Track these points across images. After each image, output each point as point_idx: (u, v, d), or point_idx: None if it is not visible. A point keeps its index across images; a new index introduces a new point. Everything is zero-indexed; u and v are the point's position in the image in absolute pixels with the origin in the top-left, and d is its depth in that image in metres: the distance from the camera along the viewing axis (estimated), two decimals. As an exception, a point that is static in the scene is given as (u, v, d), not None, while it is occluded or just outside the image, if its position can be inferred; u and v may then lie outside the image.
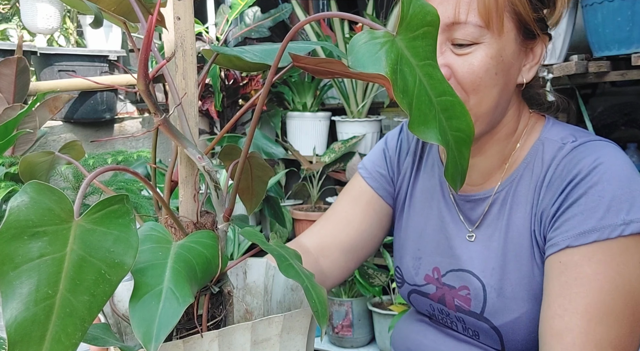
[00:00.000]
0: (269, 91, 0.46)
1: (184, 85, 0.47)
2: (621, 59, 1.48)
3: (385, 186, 0.98)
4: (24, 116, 1.46)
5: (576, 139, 0.79)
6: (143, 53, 0.42)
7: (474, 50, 0.74)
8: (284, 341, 0.54)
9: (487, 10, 0.73)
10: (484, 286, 0.82)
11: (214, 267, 0.50)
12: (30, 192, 0.39)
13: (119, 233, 0.40)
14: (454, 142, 0.43)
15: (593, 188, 0.73)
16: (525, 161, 0.82)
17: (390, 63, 0.41)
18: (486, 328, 0.82)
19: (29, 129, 1.51)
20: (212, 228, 0.52)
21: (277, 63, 0.47)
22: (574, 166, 0.76)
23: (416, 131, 0.42)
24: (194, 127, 0.47)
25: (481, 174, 0.86)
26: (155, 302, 0.43)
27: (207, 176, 0.47)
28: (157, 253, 0.47)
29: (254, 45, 0.53)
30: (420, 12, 0.43)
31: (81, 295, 0.37)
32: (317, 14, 0.44)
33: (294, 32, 0.46)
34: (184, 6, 0.46)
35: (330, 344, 2.22)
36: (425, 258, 0.91)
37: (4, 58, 1.70)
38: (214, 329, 0.53)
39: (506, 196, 0.82)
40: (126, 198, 0.42)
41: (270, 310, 0.68)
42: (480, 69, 0.74)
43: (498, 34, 0.74)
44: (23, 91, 1.74)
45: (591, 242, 0.71)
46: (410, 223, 0.94)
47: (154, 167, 0.51)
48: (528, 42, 0.79)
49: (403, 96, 0.41)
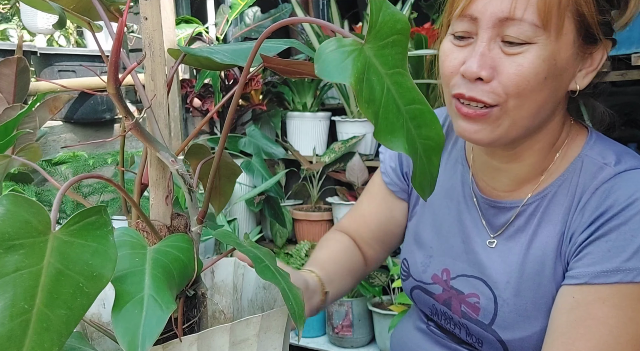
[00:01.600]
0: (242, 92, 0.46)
1: (152, 87, 0.47)
2: (621, 59, 1.47)
3: (396, 181, 0.97)
4: (24, 116, 1.47)
5: (619, 162, 0.73)
6: (113, 56, 0.42)
7: (525, 50, 0.68)
8: (262, 341, 0.54)
9: (547, 8, 0.66)
10: (496, 298, 0.78)
11: (191, 270, 0.50)
12: (7, 204, 0.38)
13: (97, 245, 0.40)
14: (423, 151, 0.42)
15: (626, 225, 0.68)
16: (562, 178, 0.76)
17: (356, 72, 0.41)
18: (492, 339, 0.79)
19: (29, 129, 1.52)
20: (185, 230, 0.52)
21: (250, 64, 0.47)
22: (609, 196, 0.70)
23: (382, 140, 0.42)
24: (164, 129, 0.47)
25: (513, 181, 0.81)
26: (138, 310, 0.43)
27: (180, 179, 0.47)
28: (134, 259, 0.47)
29: (223, 45, 0.52)
30: (390, 20, 0.42)
31: (58, 308, 0.37)
32: (285, 19, 0.43)
33: (267, 34, 0.46)
34: (151, 6, 0.46)
35: (330, 344, 2.22)
36: (437, 258, 0.88)
37: (4, 58, 1.70)
38: (189, 331, 0.53)
39: (535, 210, 0.78)
40: (104, 209, 0.42)
41: (240, 309, 0.68)
42: (529, 72, 0.68)
43: (555, 36, 0.68)
44: (23, 91, 1.75)
45: (611, 283, 0.67)
46: (425, 219, 0.91)
47: (122, 170, 0.51)
48: (587, 47, 0.72)
49: (368, 106, 0.41)
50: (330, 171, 2.28)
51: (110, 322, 0.64)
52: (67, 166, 1.83)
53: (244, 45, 0.51)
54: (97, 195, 1.79)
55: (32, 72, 2.08)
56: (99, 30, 0.48)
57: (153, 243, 0.50)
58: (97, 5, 0.42)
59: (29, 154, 0.60)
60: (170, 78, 0.48)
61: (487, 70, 0.69)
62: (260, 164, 2.20)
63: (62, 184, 0.43)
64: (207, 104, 2.22)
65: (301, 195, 2.47)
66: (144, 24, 0.46)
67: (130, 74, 0.41)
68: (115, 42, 0.41)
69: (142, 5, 0.46)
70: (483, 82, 0.70)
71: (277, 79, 2.32)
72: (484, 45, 0.69)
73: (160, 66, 0.47)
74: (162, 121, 0.48)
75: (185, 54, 0.48)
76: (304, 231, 2.28)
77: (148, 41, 0.47)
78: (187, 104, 2.26)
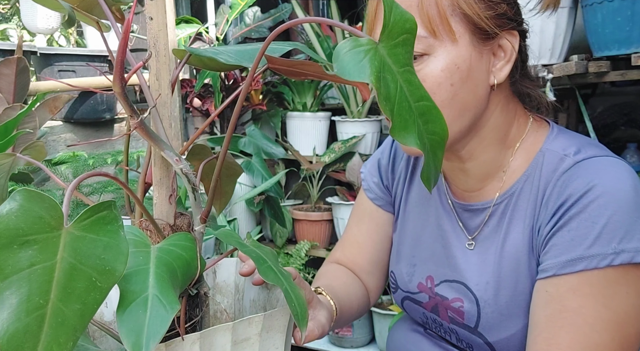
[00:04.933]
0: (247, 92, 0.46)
1: (157, 86, 0.47)
2: (621, 59, 1.47)
3: (380, 195, 0.97)
4: (24, 116, 1.47)
5: (579, 152, 0.74)
6: (119, 55, 0.42)
7: (425, 65, 0.70)
8: (264, 340, 0.54)
9: (428, 18, 0.68)
10: (477, 300, 0.79)
11: (194, 269, 0.50)
12: (20, 199, 0.39)
13: (108, 240, 0.40)
14: (430, 146, 0.43)
15: (586, 211, 0.68)
16: (526, 174, 0.77)
17: (375, 70, 0.42)
18: (480, 342, 0.80)
19: (29, 129, 1.52)
20: (188, 229, 0.52)
21: (257, 64, 0.47)
22: (568, 185, 0.71)
23: (397, 136, 0.43)
24: (168, 128, 0.47)
25: (476, 179, 0.82)
26: (143, 311, 0.43)
27: (184, 178, 0.47)
28: (138, 258, 0.47)
29: (227, 45, 0.53)
30: (400, 20, 0.43)
31: (73, 303, 0.37)
32: (296, 19, 0.44)
33: (274, 35, 0.46)
34: (157, 6, 0.46)
35: (330, 344, 2.22)
36: (420, 266, 0.88)
37: (4, 58, 1.70)
38: (191, 330, 0.53)
39: (505, 209, 0.79)
40: (114, 204, 0.42)
41: (242, 309, 0.68)
42: (432, 85, 0.70)
43: (450, 42, 0.70)
44: (23, 91, 1.75)
45: (578, 271, 0.67)
46: (406, 228, 0.92)
47: (127, 169, 0.51)
48: (487, 43, 0.73)
49: (386, 103, 0.42)
50: (330, 171, 2.28)
51: (112, 321, 0.64)
52: (67, 166, 1.82)
53: (248, 47, 0.51)
54: (97, 195, 1.79)
55: (32, 72, 2.08)
56: (107, 29, 0.48)
57: (156, 242, 0.50)
58: (103, 4, 0.42)
59: (33, 153, 0.60)
60: (174, 78, 0.48)
61: None
62: (260, 164, 2.20)
63: (65, 184, 0.43)
64: (207, 104, 2.22)
65: (301, 195, 2.47)
66: (149, 24, 0.46)
67: (135, 74, 0.41)
68: (121, 41, 0.41)
69: (147, 5, 0.46)
70: None
71: (277, 79, 2.32)
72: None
73: (165, 65, 0.47)
74: (166, 120, 0.48)
75: (191, 54, 0.48)
76: (303, 231, 2.28)
77: (153, 41, 0.47)
78: (187, 104, 2.26)
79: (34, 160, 0.46)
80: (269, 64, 0.46)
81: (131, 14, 0.43)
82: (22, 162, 0.48)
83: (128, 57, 0.49)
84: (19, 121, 1.44)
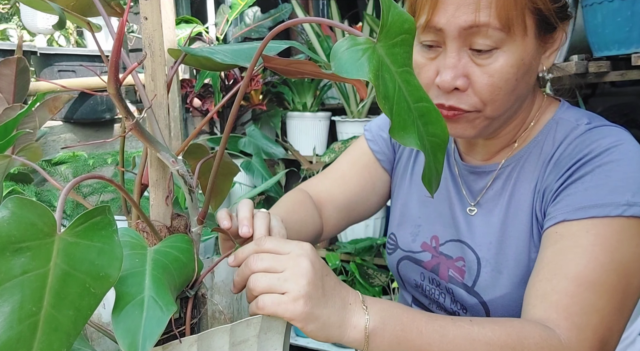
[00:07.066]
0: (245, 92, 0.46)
1: (152, 87, 0.47)
2: (621, 59, 1.47)
3: (384, 151, 0.98)
4: (24, 116, 1.46)
5: (591, 122, 0.77)
6: (113, 56, 0.41)
7: (494, 59, 0.70)
8: (262, 341, 0.54)
9: (506, 12, 0.68)
10: (479, 260, 0.81)
11: (191, 271, 0.50)
12: (12, 207, 0.38)
13: (102, 245, 0.40)
14: (430, 147, 0.43)
15: (602, 167, 0.71)
16: (536, 140, 0.80)
17: (373, 69, 0.42)
18: (474, 302, 0.81)
19: (28, 129, 1.52)
20: (185, 231, 0.52)
21: (255, 63, 0.47)
22: (586, 146, 0.73)
23: (397, 136, 0.43)
24: (165, 129, 0.47)
25: (488, 152, 0.84)
26: (139, 312, 0.43)
27: (181, 179, 0.47)
28: (134, 260, 0.47)
29: (223, 45, 0.52)
30: (398, 20, 0.43)
31: (66, 309, 0.37)
32: (293, 20, 0.43)
33: (273, 35, 0.45)
34: (151, 6, 0.46)
35: (330, 344, 2.22)
36: (426, 226, 0.90)
37: (4, 58, 1.70)
38: (189, 332, 0.52)
39: (512, 171, 0.81)
40: (108, 209, 0.42)
41: (240, 309, 0.68)
42: (500, 81, 0.71)
43: (521, 37, 0.70)
44: (23, 91, 1.75)
45: (589, 217, 0.68)
46: (414, 190, 0.93)
47: (123, 170, 0.51)
48: (549, 36, 0.75)
49: (385, 102, 0.42)
50: (330, 171, 2.27)
51: (110, 322, 0.64)
52: (66, 166, 1.82)
53: (245, 46, 0.51)
54: (96, 195, 1.79)
55: (32, 72, 2.08)
56: (98, 30, 0.48)
57: (153, 244, 0.50)
58: (97, 3, 0.42)
59: (29, 154, 0.60)
60: (170, 78, 0.48)
61: (461, 79, 0.71)
62: (260, 164, 2.20)
63: (62, 185, 0.43)
64: (207, 104, 2.22)
65: (301, 195, 2.46)
66: (144, 24, 0.46)
67: (131, 74, 0.41)
68: (115, 42, 0.41)
69: (142, 5, 0.46)
70: (460, 91, 0.73)
71: (277, 79, 2.32)
72: (453, 55, 0.71)
73: (161, 66, 0.47)
74: (162, 121, 0.47)
75: (186, 54, 0.48)
76: (303, 231, 2.28)
77: (148, 41, 0.47)
78: (187, 104, 2.26)
79: (30, 161, 0.46)
80: (265, 63, 0.45)
81: (125, 15, 0.42)
82: (17, 163, 0.48)
83: (125, 58, 0.48)
84: (19, 121, 1.44)
